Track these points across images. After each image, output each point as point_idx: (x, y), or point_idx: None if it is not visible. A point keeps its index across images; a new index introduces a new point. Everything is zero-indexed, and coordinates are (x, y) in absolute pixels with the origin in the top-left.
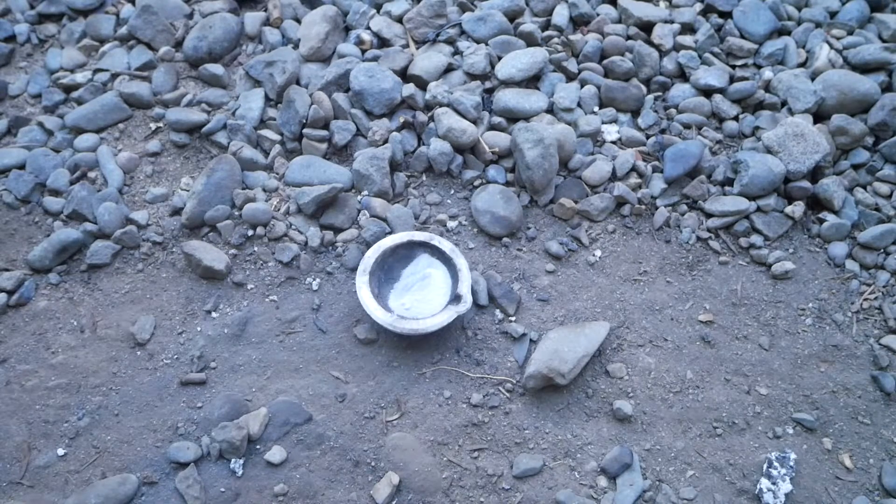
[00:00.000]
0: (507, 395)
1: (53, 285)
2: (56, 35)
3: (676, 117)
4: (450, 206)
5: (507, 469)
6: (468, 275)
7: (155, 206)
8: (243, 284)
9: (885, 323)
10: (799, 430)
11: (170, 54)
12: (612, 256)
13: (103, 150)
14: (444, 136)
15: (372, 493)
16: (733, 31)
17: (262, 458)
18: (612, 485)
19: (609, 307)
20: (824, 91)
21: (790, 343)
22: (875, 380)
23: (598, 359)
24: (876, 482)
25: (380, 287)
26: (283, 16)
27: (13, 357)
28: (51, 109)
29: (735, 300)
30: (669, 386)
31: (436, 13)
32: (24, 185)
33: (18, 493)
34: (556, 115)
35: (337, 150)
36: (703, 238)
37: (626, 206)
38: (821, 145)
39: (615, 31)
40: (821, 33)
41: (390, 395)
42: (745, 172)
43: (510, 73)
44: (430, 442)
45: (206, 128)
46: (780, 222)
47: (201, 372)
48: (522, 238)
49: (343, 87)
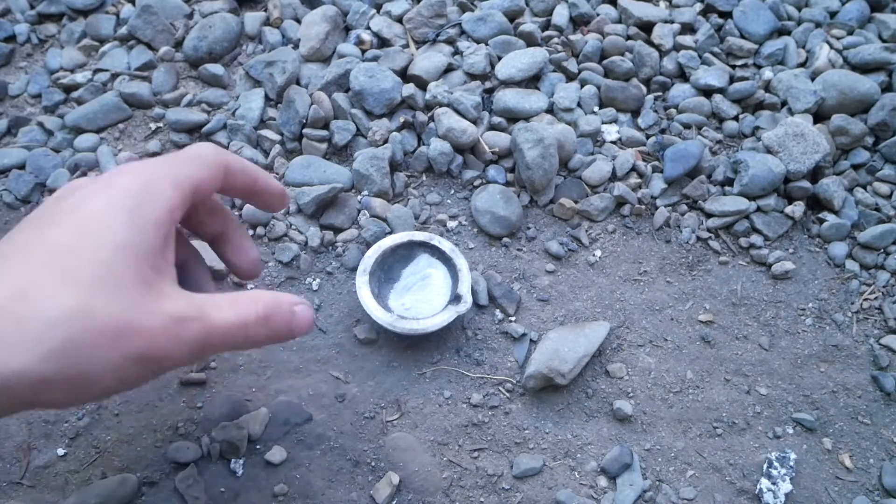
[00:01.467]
0: (507, 395)
1: None
2: (56, 35)
3: (676, 117)
4: (450, 206)
5: (507, 469)
6: (468, 275)
7: None
8: (243, 285)
9: (886, 323)
10: (799, 430)
11: (170, 54)
12: (612, 256)
13: (103, 150)
14: (444, 136)
15: (372, 493)
16: (733, 31)
17: (262, 458)
18: (612, 485)
19: (609, 307)
20: (824, 91)
21: (790, 343)
22: (875, 380)
23: (598, 359)
24: (876, 482)
25: (380, 287)
26: (283, 16)
27: None
28: (51, 109)
29: (735, 300)
30: (669, 386)
31: (436, 13)
32: (24, 185)
33: (18, 493)
34: (556, 115)
35: (337, 150)
36: (703, 238)
37: (626, 206)
38: (821, 145)
39: (615, 31)
40: (821, 33)
41: (390, 395)
42: (745, 172)
43: (510, 73)
44: (430, 442)
45: (206, 128)
46: (780, 222)
47: (201, 372)
48: (522, 238)
49: (343, 87)
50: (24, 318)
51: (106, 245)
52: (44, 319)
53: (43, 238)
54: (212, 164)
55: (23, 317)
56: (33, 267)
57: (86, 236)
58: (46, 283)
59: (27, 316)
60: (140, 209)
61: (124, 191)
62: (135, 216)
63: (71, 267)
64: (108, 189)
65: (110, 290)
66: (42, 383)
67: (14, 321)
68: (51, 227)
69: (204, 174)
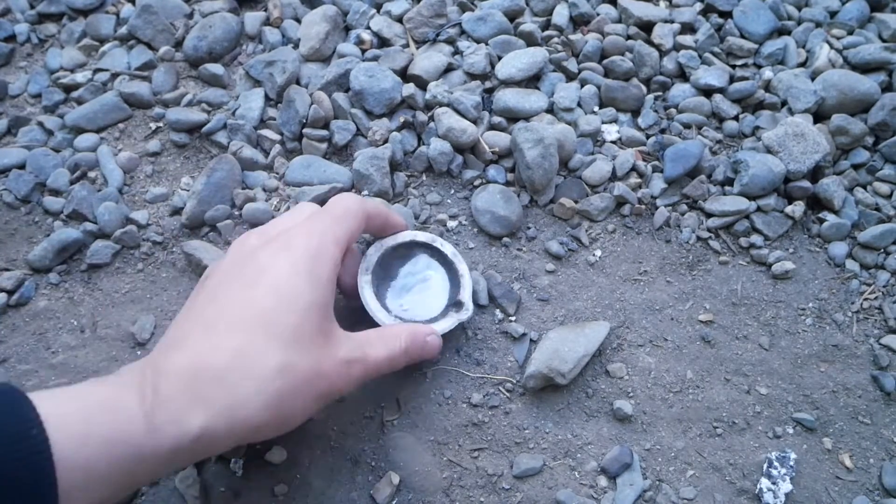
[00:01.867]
0: (507, 394)
1: (53, 285)
2: (56, 35)
3: (676, 117)
4: (450, 206)
5: (507, 469)
6: (470, 281)
7: (155, 206)
8: None
9: (886, 323)
10: (799, 430)
11: (170, 54)
12: (612, 256)
13: (103, 149)
14: (444, 135)
15: (372, 493)
16: (733, 31)
17: (262, 458)
18: (612, 485)
19: (609, 307)
20: (824, 91)
21: (790, 343)
22: (875, 380)
23: (598, 359)
24: (876, 482)
25: (378, 285)
26: (283, 16)
27: (13, 357)
28: (51, 109)
29: (735, 300)
30: (669, 386)
31: (436, 13)
32: (24, 184)
33: None
34: (556, 115)
35: (337, 150)
36: (703, 238)
37: (626, 206)
38: (821, 145)
39: (615, 31)
40: (821, 33)
41: (390, 395)
42: (745, 172)
43: (510, 72)
44: (430, 442)
45: (206, 128)
46: (780, 222)
47: None
48: (522, 238)
49: (343, 87)
50: (246, 373)
51: (298, 307)
52: (259, 376)
53: (250, 301)
54: (359, 216)
55: (245, 373)
56: (247, 329)
57: (281, 299)
58: (258, 343)
59: (247, 374)
60: (316, 271)
61: (302, 253)
62: (313, 278)
63: (273, 328)
64: (289, 251)
65: (303, 345)
66: (260, 427)
67: (239, 377)
68: (253, 290)
69: (354, 227)
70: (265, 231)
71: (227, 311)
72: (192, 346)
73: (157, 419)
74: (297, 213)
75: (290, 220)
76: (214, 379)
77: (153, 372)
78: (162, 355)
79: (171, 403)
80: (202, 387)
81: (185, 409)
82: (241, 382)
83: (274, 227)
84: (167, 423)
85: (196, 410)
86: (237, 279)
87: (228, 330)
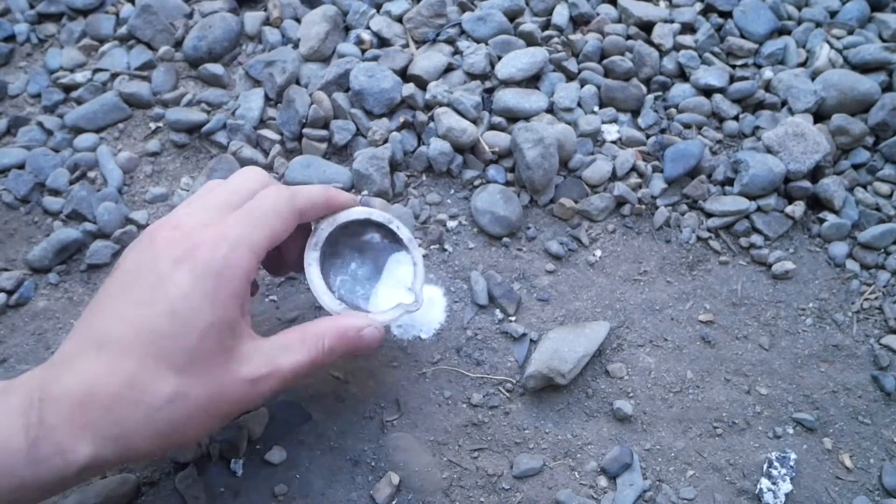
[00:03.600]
0: (507, 394)
1: (53, 285)
2: (56, 35)
3: (676, 117)
4: (450, 206)
5: (507, 469)
6: (423, 270)
7: (155, 206)
8: None
9: (886, 323)
10: (799, 430)
11: (169, 54)
12: (612, 256)
13: (103, 149)
14: (444, 135)
15: (372, 493)
16: (733, 31)
17: (261, 458)
18: (612, 485)
19: (609, 307)
20: (824, 91)
21: (790, 343)
22: (875, 380)
23: (598, 359)
24: (876, 482)
25: (322, 262)
26: (282, 15)
27: (13, 357)
28: (50, 109)
29: (735, 300)
30: (669, 386)
31: (436, 13)
32: (23, 184)
33: None
34: (556, 115)
35: (337, 150)
36: (704, 238)
37: (626, 206)
38: (821, 145)
39: (615, 31)
40: (821, 33)
41: (390, 395)
42: (746, 172)
43: (510, 72)
44: (430, 442)
45: (205, 127)
46: (781, 222)
47: None
48: (522, 238)
49: (343, 87)
50: (135, 403)
51: (196, 328)
52: (149, 406)
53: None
54: (285, 217)
55: (134, 403)
56: (140, 354)
57: (176, 322)
58: (149, 370)
59: (137, 403)
60: (221, 288)
61: (206, 268)
62: (216, 296)
63: (167, 353)
64: (193, 262)
65: (200, 369)
66: (149, 454)
67: (128, 406)
68: (150, 307)
69: (280, 229)
70: (180, 223)
71: (123, 331)
72: (84, 367)
73: (42, 451)
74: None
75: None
76: (103, 408)
77: (41, 395)
78: (54, 375)
79: (57, 433)
80: (90, 414)
81: (71, 438)
82: (130, 412)
83: (191, 217)
84: (53, 454)
85: (83, 440)
86: (137, 289)
87: (122, 353)
